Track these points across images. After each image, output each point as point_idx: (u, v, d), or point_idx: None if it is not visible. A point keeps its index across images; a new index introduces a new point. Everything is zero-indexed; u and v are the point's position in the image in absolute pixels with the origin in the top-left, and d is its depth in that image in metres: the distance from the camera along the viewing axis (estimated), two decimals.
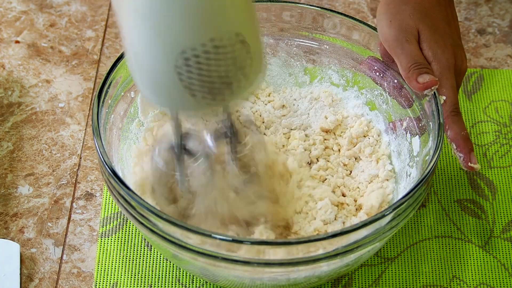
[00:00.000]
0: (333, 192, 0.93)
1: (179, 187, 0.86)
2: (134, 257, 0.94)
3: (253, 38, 0.74)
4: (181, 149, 0.84)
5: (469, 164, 0.88)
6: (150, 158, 0.88)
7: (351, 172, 0.96)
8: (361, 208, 0.92)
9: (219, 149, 0.85)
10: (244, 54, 0.73)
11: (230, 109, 0.83)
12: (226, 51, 0.72)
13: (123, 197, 0.82)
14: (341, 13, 0.96)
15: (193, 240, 0.80)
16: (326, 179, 0.95)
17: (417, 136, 0.92)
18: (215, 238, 0.79)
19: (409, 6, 0.92)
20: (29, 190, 1.00)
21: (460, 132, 0.89)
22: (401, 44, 0.90)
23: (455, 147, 0.88)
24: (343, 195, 0.94)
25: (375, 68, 0.96)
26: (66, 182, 1.01)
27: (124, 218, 0.97)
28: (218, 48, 0.72)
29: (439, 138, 0.86)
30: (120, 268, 0.94)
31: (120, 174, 0.85)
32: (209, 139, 0.85)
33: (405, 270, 0.94)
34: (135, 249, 0.95)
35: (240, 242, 0.79)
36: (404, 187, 0.93)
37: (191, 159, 0.84)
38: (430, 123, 0.89)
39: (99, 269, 0.93)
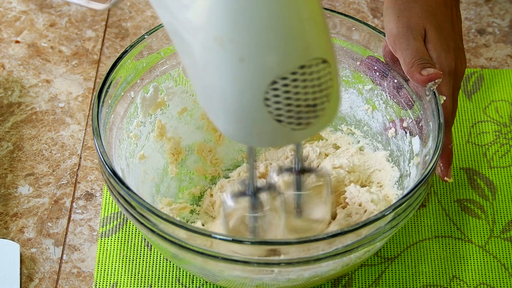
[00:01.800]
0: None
1: (250, 227, 0.85)
2: (134, 257, 0.94)
3: (334, 61, 0.72)
4: (255, 190, 0.82)
5: (445, 178, 0.92)
6: (221, 202, 0.87)
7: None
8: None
9: (285, 185, 0.86)
10: (328, 77, 0.72)
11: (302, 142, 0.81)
12: (313, 77, 0.70)
13: (123, 197, 0.82)
14: (341, 13, 0.96)
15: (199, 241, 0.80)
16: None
17: (417, 136, 0.92)
18: (215, 238, 0.79)
19: (417, 4, 0.93)
20: (29, 190, 1.00)
21: (447, 145, 0.91)
22: (408, 40, 0.90)
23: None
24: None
25: (375, 68, 0.96)
26: (66, 182, 1.01)
27: (124, 218, 0.97)
28: (306, 74, 0.70)
29: (439, 138, 0.86)
30: (120, 268, 0.94)
31: (120, 174, 0.85)
32: (275, 176, 0.85)
33: (405, 270, 0.94)
34: (135, 249, 0.95)
35: (240, 242, 0.79)
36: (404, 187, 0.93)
37: (261, 205, 0.83)
38: (430, 123, 0.89)
39: (99, 269, 0.93)
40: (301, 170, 0.84)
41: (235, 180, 0.92)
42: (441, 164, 0.91)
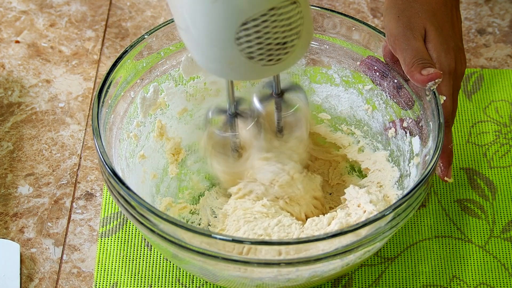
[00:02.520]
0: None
1: (231, 146, 0.91)
2: (134, 257, 0.94)
3: (303, 0, 0.77)
4: (234, 113, 0.88)
5: (445, 178, 0.92)
6: (204, 123, 0.92)
7: None
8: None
9: (266, 109, 0.90)
10: (298, 16, 0.77)
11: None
12: (282, 17, 0.76)
13: (123, 197, 0.82)
14: (341, 13, 0.96)
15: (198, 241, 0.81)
16: None
17: (417, 136, 0.92)
18: (215, 238, 0.79)
19: (417, 4, 0.93)
20: (29, 190, 1.00)
21: (447, 145, 0.91)
22: (408, 40, 0.90)
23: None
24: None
25: (375, 68, 0.96)
26: (66, 182, 1.01)
27: (124, 218, 0.97)
28: (275, 15, 0.75)
29: (439, 138, 0.86)
30: (120, 268, 0.94)
31: (120, 174, 0.85)
32: (256, 101, 0.90)
33: (405, 270, 0.94)
34: (135, 249, 0.95)
35: (240, 242, 0.79)
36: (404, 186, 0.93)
37: (243, 121, 0.89)
38: (430, 123, 0.89)
39: (99, 269, 0.93)
40: (281, 92, 0.89)
41: (212, 112, 0.95)
42: (441, 164, 0.92)
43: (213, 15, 0.75)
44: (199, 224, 0.96)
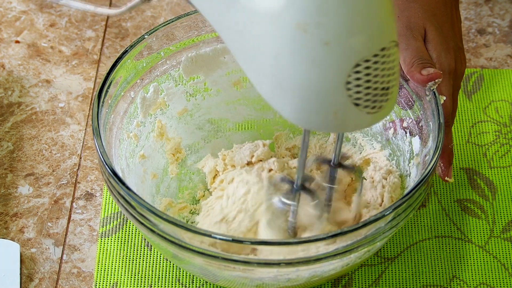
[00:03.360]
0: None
1: (290, 222, 0.86)
2: (134, 257, 0.94)
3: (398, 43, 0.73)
4: (301, 185, 0.82)
5: (445, 178, 0.91)
6: (264, 192, 0.88)
7: None
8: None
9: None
10: (397, 59, 0.72)
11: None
12: (390, 59, 0.70)
13: (123, 197, 0.82)
14: None
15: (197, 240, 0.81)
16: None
17: (417, 136, 0.92)
18: (215, 238, 0.79)
19: (417, 4, 0.93)
20: (29, 190, 1.00)
21: (447, 145, 0.91)
22: (407, 40, 0.90)
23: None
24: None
25: None
26: (66, 182, 1.01)
27: (124, 218, 0.97)
28: (385, 56, 0.70)
29: (439, 138, 0.86)
30: (120, 268, 0.94)
31: (120, 174, 0.85)
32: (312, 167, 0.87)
33: (405, 270, 0.94)
34: (135, 249, 0.95)
35: (240, 242, 0.79)
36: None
37: (310, 196, 0.83)
38: (430, 123, 0.89)
39: (99, 269, 0.93)
40: (338, 164, 0.84)
41: (277, 178, 0.90)
42: (442, 164, 0.92)
43: (322, 60, 0.68)
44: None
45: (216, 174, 0.98)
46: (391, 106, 0.74)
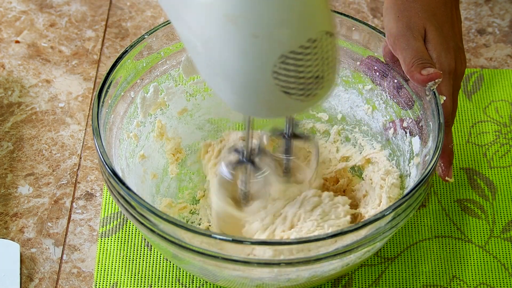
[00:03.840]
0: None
1: (240, 193, 0.88)
2: (134, 257, 0.94)
3: (336, 33, 0.75)
4: (249, 159, 0.85)
5: (446, 178, 0.92)
6: (218, 165, 0.90)
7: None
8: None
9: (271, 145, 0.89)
10: (333, 49, 0.74)
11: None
12: (320, 50, 0.73)
13: (123, 197, 0.82)
14: (341, 13, 0.96)
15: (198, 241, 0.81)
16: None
17: (417, 136, 0.92)
18: (215, 238, 0.79)
19: (417, 4, 0.93)
20: (29, 190, 1.00)
21: (447, 145, 0.91)
22: (407, 40, 0.90)
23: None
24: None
25: (375, 68, 0.96)
26: (66, 182, 1.01)
27: (124, 218, 0.97)
28: (314, 47, 0.72)
29: (439, 138, 0.86)
30: (120, 268, 0.94)
31: (120, 174, 0.85)
32: (264, 140, 0.88)
33: (405, 270, 0.94)
34: (135, 249, 0.95)
35: (240, 242, 0.79)
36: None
37: (256, 170, 0.86)
38: (430, 123, 0.89)
39: (99, 269, 0.93)
40: (292, 135, 0.86)
41: (227, 150, 0.93)
42: (442, 164, 0.92)
43: (250, 51, 0.71)
44: (199, 224, 0.96)
45: (209, 150, 0.97)
46: (326, 92, 0.76)
